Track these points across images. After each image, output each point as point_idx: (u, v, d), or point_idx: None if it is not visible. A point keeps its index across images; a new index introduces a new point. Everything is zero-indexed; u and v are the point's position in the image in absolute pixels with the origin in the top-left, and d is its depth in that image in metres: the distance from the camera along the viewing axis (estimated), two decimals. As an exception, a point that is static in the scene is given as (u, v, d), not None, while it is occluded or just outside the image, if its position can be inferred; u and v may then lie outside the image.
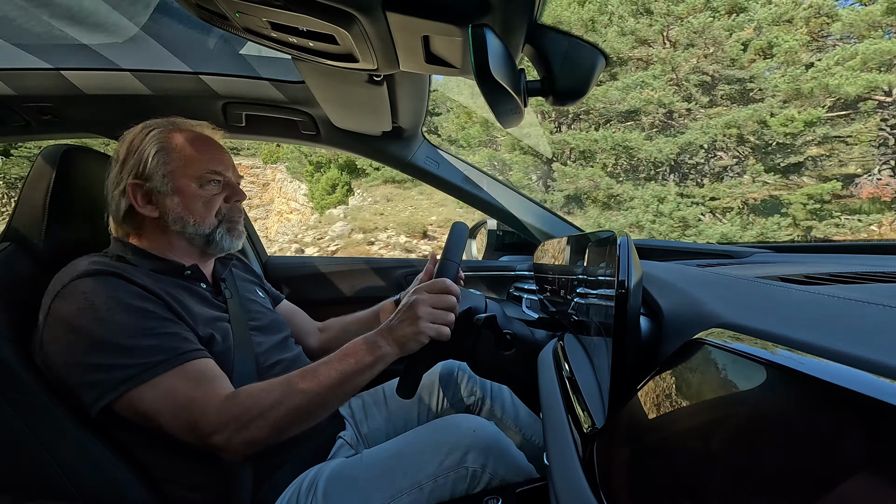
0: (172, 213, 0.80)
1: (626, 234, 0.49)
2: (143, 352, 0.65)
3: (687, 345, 0.33)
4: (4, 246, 0.78)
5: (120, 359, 0.64)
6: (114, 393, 0.63)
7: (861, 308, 0.34)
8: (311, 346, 1.13)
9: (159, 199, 0.80)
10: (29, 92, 0.98)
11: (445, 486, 0.72)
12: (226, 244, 0.86)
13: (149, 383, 0.64)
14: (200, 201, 0.82)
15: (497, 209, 1.34)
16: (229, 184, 0.86)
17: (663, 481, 0.32)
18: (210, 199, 0.83)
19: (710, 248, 1.09)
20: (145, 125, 0.82)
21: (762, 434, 0.25)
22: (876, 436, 0.20)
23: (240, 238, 0.89)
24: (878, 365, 0.22)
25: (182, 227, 0.81)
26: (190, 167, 0.81)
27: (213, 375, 0.69)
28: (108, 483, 0.68)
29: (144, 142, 0.80)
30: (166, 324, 0.69)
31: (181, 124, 0.84)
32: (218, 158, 0.84)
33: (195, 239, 0.83)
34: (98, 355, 0.64)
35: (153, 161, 0.79)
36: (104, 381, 0.63)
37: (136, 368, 0.64)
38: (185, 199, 0.81)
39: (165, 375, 0.65)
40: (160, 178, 0.79)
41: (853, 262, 0.69)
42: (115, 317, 0.65)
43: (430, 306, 0.72)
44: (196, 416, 0.64)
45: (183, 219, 0.81)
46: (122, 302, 0.67)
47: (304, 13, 0.44)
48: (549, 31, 0.44)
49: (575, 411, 0.52)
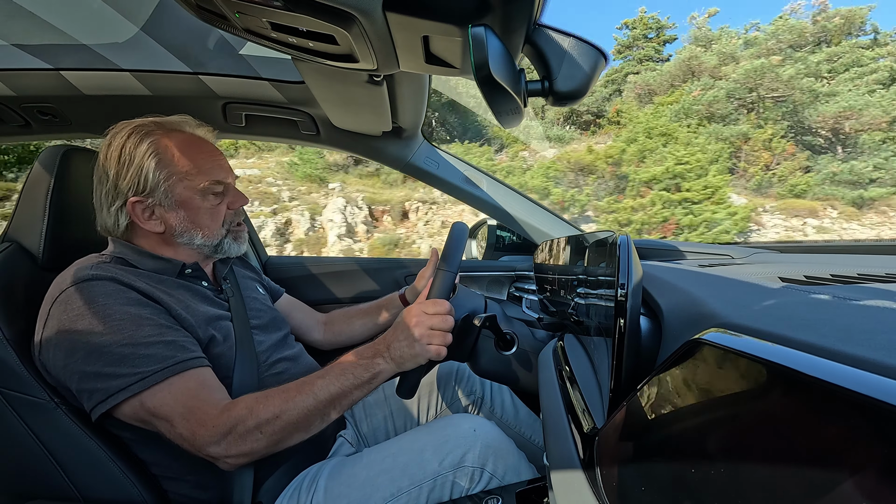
0: (178, 227, 0.78)
1: (625, 234, 0.49)
2: (140, 361, 0.64)
3: (687, 345, 0.33)
4: (5, 246, 0.78)
5: (116, 368, 0.63)
6: (111, 402, 0.63)
7: (861, 308, 0.34)
8: (317, 339, 1.12)
9: (163, 214, 0.77)
10: (29, 92, 0.98)
11: (445, 485, 0.72)
12: (232, 251, 0.86)
13: (145, 393, 0.63)
14: (207, 214, 0.80)
15: (497, 209, 1.34)
16: (230, 190, 0.84)
17: (663, 481, 0.32)
18: (215, 210, 0.81)
19: (710, 248, 1.09)
20: (132, 129, 0.76)
21: (762, 434, 0.25)
22: (876, 436, 0.20)
23: (244, 242, 0.88)
24: (878, 365, 0.22)
25: (189, 239, 0.79)
26: (193, 179, 0.77)
27: (209, 385, 0.68)
28: (108, 482, 0.68)
29: (139, 153, 0.75)
30: (163, 331, 0.68)
31: (166, 124, 0.79)
32: (218, 165, 0.82)
33: (203, 249, 0.82)
34: (94, 364, 0.63)
35: (154, 176, 0.75)
36: (100, 390, 0.63)
37: (132, 378, 0.63)
38: (191, 213, 0.78)
39: (161, 385, 0.64)
40: (162, 193, 0.76)
41: (853, 262, 0.69)
42: (112, 324, 0.65)
43: (428, 327, 0.72)
44: (193, 426, 0.63)
45: (190, 232, 0.79)
46: (120, 309, 0.66)
47: (303, 13, 0.44)
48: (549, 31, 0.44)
49: (575, 411, 0.52)
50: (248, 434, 0.63)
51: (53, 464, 0.68)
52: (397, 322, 0.75)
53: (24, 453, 0.67)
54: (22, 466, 0.68)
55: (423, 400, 1.03)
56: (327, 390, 0.68)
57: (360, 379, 0.70)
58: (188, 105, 1.04)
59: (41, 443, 0.67)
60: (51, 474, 0.68)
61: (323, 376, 0.70)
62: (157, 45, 0.87)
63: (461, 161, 1.32)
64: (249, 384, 0.76)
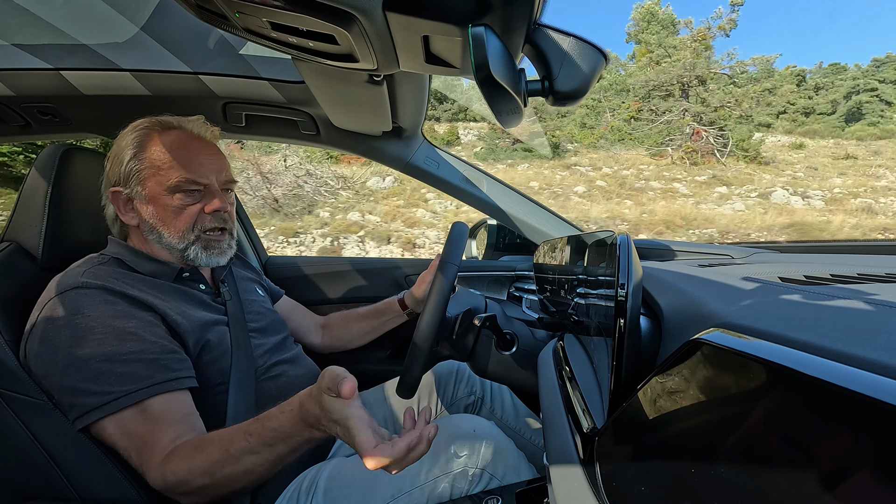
0: (148, 222, 0.77)
1: (625, 234, 0.49)
2: (116, 379, 0.63)
3: (687, 345, 0.33)
4: (4, 246, 0.78)
5: (92, 384, 0.63)
6: (87, 419, 0.63)
7: (861, 308, 0.34)
8: (314, 343, 1.12)
9: (138, 206, 0.77)
10: (29, 92, 0.98)
11: (445, 486, 0.72)
12: (201, 260, 0.80)
13: (115, 415, 0.63)
14: (172, 212, 0.77)
15: (497, 209, 1.34)
16: (210, 192, 0.79)
17: (663, 481, 0.32)
18: (182, 210, 0.77)
19: (710, 248, 1.09)
20: (134, 125, 0.79)
21: (762, 434, 0.25)
22: (876, 436, 0.20)
23: (221, 254, 0.83)
24: (879, 365, 0.22)
25: (158, 237, 0.78)
26: (164, 174, 0.75)
27: (173, 416, 0.64)
28: (106, 483, 0.68)
29: (123, 145, 0.77)
30: (145, 346, 0.66)
31: (169, 123, 0.80)
32: (197, 163, 0.77)
33: (172, 251, 0.79)
34: (71, 378, 0.63)
35: (128, 166, 0.76)
36: (77, 406, 0.63)
37: (107, 397, 0.62)
38: (158, 209, 0.77)
39: (130, 410, 0.63)
40: (135, 184, 0.76)
41: (853, 262, 0.69)
42: (93, 338, 0.64)
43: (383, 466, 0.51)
44: (143, 465, 0.63)
45: (157, 229, 0.77)
46: (104, 322, 0.65)
47: (304, 13, 0.44)
48: (549, 31, 0.44)
49: (575, 411, 0.52)
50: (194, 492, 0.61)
51: (51, 464, 0.67)
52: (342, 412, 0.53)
53: (21, 454, 0.67)
54: (20, 467, 0.68)
55: (423, 400, 1.03)
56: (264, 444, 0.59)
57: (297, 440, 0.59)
58: (188, 105, 1.04)
59: (39, 443, 0.67)
60: (49, 475, 0.67)
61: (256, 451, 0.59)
62: (157, 44, 0.87)
63: (461, 161, 1.32)
64: (246, 389, 0.76)
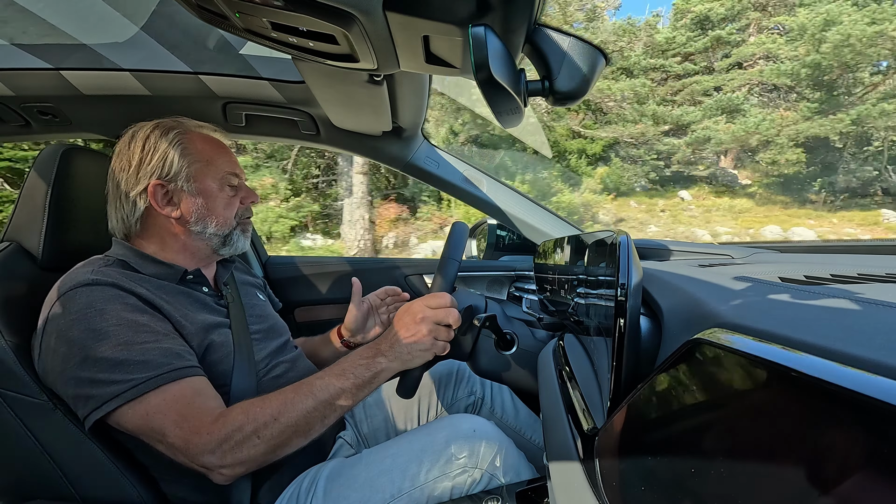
0: (195, 213, 0.82)
1: (625, 234, 0.49)
2: (134, 367, 0.63)
3: (687, 345, 0.33)
4: (4, 246, 0.78)
5: (110, 374, 0.63)
6: (105, 409, 0.63)
7: (861, 308, 0.34)
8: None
9: (182, 199, 0.81)
10: (29, 92, 0.98)
11: (445, 486, 0.72)
12: (240, 245, 0.89)
13: (138, 400, 0.63)
14: (222, 203, 0.85)
15: (497, 209, 1.34)
16: (243, 186, 0.90)
17: (663, 481, 0.32)
18: (230, 201, 0.86)
19: (710, 248, 1.09)
20: (155, 125, 0.82)
21: (762, 434, 0.25)
22: (876, 436, 0.20)
23: (249, 237, 0.92)
24: (878, 365, 0.22)
25: (203, 227, 0.83)
26: (212, 169, 0.84)
27: (204, 393, 0.67)
28: (107, 483, 0.68)
29: (163, 143, 0.80)
30: (160, 338, 0.67)
31: (187, 124, 0.85)
32: (233, 162, 0.88)
33: (213, 239, 0.85)
34: (89, 369, 0.63)
35: (178, 162, 0.80)
36: (95, 397, 0.63)
37: (126, 384, 0.62)
38: (209, 201, 0.83)
39: (156, 392, 0.63)
40: (184, 179, 0.81)
41: (853, 262, 0.69)
42: (109, 330, 0.65)
43: (433, 322, 0.72)
44: (186, 434, 0.62)
45: (205, 219, 0.83)
46: (117, 315, 0.66)
47: (304, 13, 0.44)
48: (549, 31, 0.44)
49: (575, 411, 0.52)
50: (246, 440, 0.63)
51: (52, 465, 0.67)
52: (397, 318, 0.74)
53: (22, 454, 0.67)
54: (21, 467, 0.68)
55: (423, 400, 1.03)
56: (327, 391, 0.68)
57: (360, 379, 0.69)
58: (188, 105, 1.04)
59: (40, 444, 0.67)
60: (50, 475, 0.67)
61: (322, 377, 0.69)
62: (157, 44, 0.87)
63: (461, 161, 1.32)
64: (247, 391, 0.76)
